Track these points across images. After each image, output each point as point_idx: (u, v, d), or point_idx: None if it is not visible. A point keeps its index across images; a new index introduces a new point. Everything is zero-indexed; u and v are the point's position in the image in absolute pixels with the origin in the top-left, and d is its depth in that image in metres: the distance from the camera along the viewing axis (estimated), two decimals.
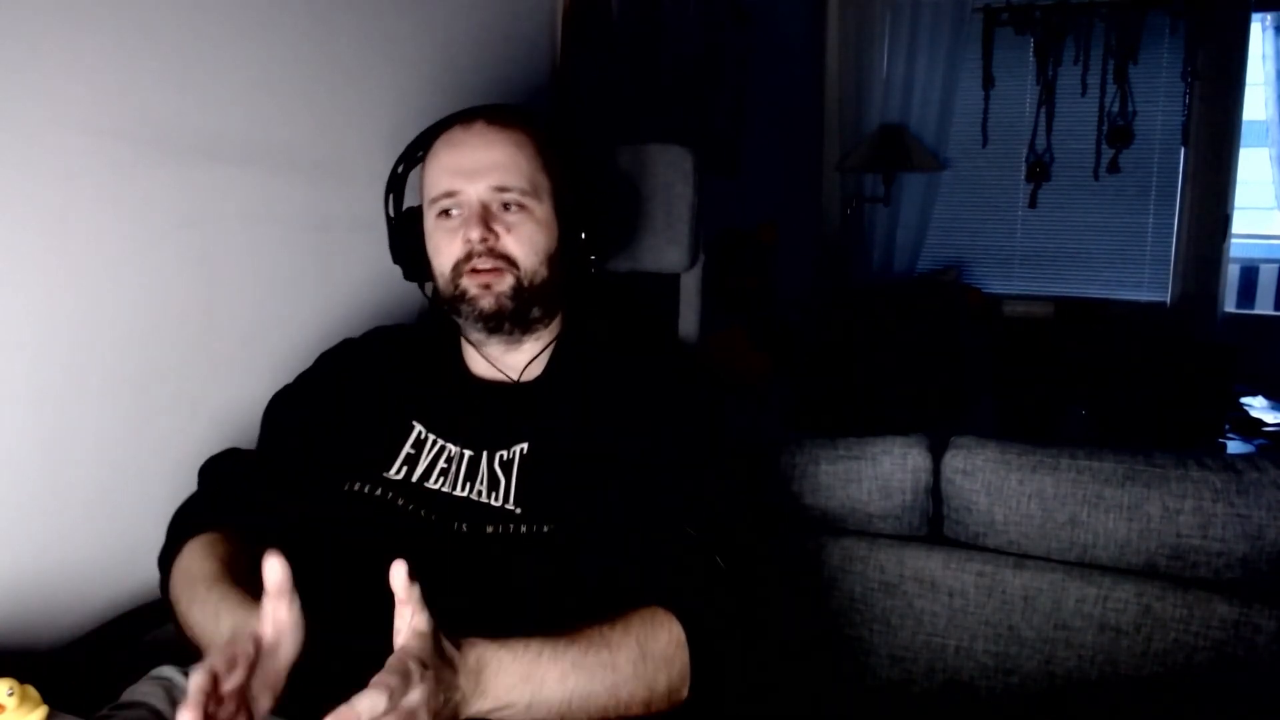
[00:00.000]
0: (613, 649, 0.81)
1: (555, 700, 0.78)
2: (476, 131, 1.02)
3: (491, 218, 1.00)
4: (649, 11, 2.33)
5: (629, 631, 0.83)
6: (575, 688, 0.78)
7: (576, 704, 0.79)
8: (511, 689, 0.76)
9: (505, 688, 0.75)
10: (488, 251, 1.00)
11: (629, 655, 0.81)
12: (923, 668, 1.27)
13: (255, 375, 1.21)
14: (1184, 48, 3.60)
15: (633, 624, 0.84)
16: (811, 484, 1.32)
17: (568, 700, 0.78)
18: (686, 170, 1.34)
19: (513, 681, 0.76)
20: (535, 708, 0.77)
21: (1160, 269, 3.79)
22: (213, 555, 0.93)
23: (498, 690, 0.75)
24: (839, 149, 4.03)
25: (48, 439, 1.00)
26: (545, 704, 0.77)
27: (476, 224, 0.99)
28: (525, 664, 0.77)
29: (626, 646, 0.82)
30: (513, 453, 1.00)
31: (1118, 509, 1.18)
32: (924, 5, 3.80)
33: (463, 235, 1.00)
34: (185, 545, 0.96)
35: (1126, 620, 1.18)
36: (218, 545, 0.95)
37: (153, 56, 1.06)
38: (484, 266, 1.00)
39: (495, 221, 1.00)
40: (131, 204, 1.06)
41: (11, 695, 0.72)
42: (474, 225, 0.99)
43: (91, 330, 1.03)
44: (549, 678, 0.77)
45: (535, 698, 0.77)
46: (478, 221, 0.99)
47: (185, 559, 0.94)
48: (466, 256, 1.00)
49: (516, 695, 0.76)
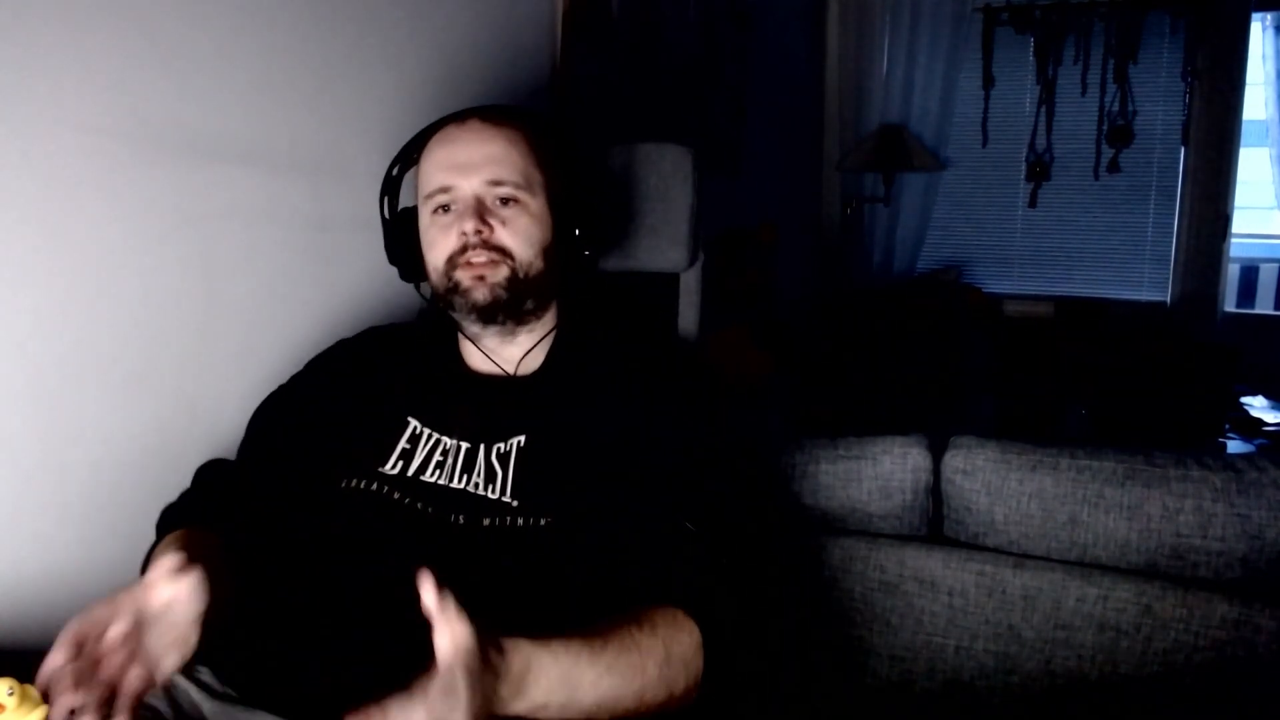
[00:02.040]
0: (643, 653, 0.81)
1: (588, 702, 0.78)
2: (470, 128, 1.04)
3: (486, 211, 1.01)
4: (649, 11, 2.33)
5: (655, 635, 0.83)
6: (608, 690, 0.79)
7: (606, 705, 0.79)
8: (550, 691, 0.75)
9: (544, 690, 0.75)
10: (482, 244, 1.01)
11: (656, 659, 0.82)
12: (923, 668, 1.27)
13: (254, 375, 1.21)
14: (1184, 47, 3.60)
15: (658, 627, 0.84)
16: (811, 484, 1.32)
17: (599, 702, 0.78)
18: (686, 170, 1.34)
19: (552, 685, 0.75)
20: (569, 709, 0.77)
21: (1160, 269, 3.79)
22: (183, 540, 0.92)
23: (536, 693, 0.75)
24: (839, 149, 4.03)
25: (47, 439, 1.00)
26: (578, 705, 0.77)
27: (471, 217, 1.00)
28: (565, 666, 0.76)
29: (655, 650, 0.82)
30: (510, 445, 1.00)
31: (1118, 509, 1.18)
32: (924, 5, 3.80)
33: (457, 229, 1.01)
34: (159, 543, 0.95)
35: (1126, 620, 1.18)
36: (192, 535, 0.94)
37: (153, 56, 1.06)
38: (478, 259, 1.01)
39: (490, 215, 1.01)
40: (131, 204, 1.06)
41: (11, 695, 0.72)
42: (469, 218, 1.00)
43: (91, 330, 1.03)
44: (585, 680, 0.77)
45: (570, 699, 0.77)
46: (472, 214, 1.00)
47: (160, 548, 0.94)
48: (461, 249, 1.01)
49: (553, 697, 0.76)
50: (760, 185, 3.27)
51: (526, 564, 0.94)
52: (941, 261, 4.06)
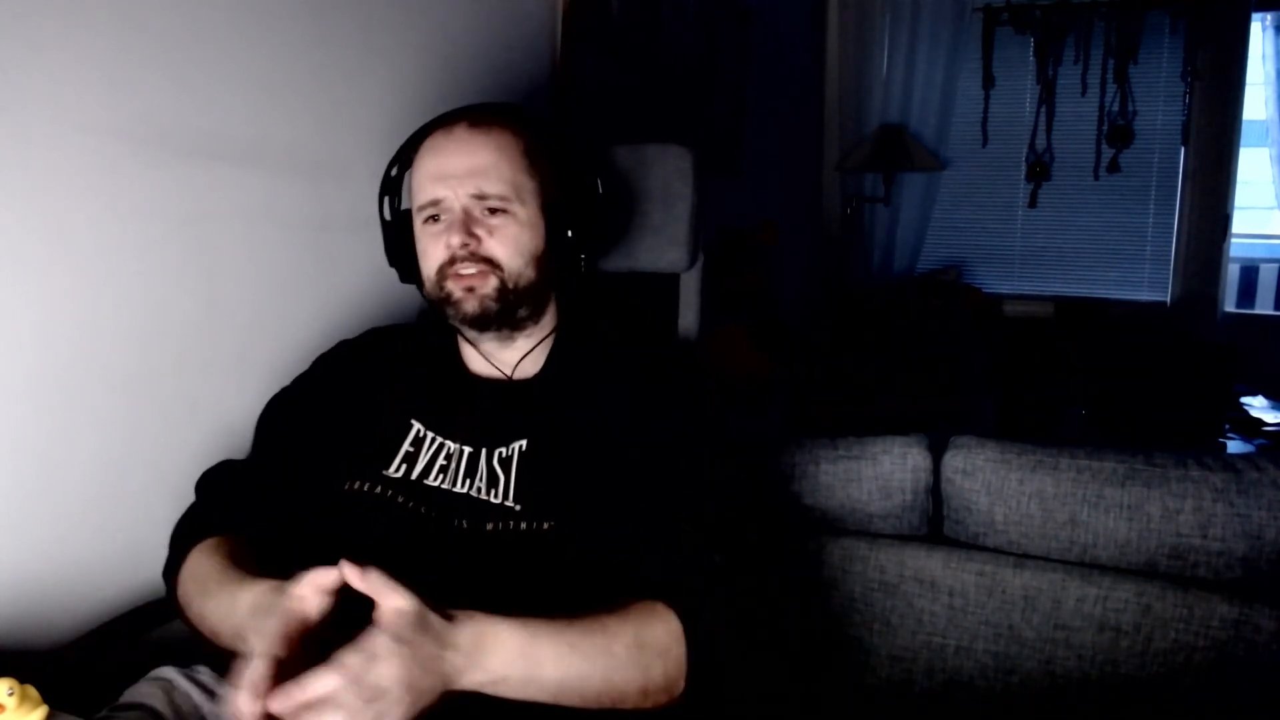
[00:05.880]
0: (609, 635, 0.82)
1: (551, 679, 0.78)
2: (457, 137, 1.03)
3: (474, 222, 1.01)
4: (649, 11, 2.33)
5: (626, 620, 0.83)
6: (571, 668, 0.79)
7: (572, 684, 0.79)
8: (508, 664, 0.76)
9: (502, 662, 0.76)
10: (470, 256, 1.01)
11: (625, 642, 0.82)
12: (923, 668, 1.27)
13: (255, 375, 1.21)
14: (1184, 47, 3.60)
15: (630, 613, 0.84)
16: (811, 484, 1.32)
17: (563, 680, 0.79)
18: (686, 170, 1.34)
19: (510, 656, 0.76)
20: (531, 685, 0.77)
21: (1160, 269, 3.79)
22: (218, 554, 0.94)
23: (493, 664, 0.75)
24: (839, 149, 4.03)
25: (48, 439, 1.00)
26: (540, 682, 0.78)
27: (458, 230, 1.00)
28: (522, 640, 0.77)
29: (623, 634, 0.82)
30: (512, 449, 1.01)
31: (1118, 509, 1.18)
32: (924, 5, 3.80)
33: (445, 241, 1.01)
34: (189, 553, 0.96)
35: (1126, 620, 1.18)
36: (221, 546, 0.95)
37: (153, 56, 1.06)
38: (466, 271, 1.01)
39: (477, 226, 1.01)
40: (131, 204, 1.06)
41: (11, 695, 0.72)
42: (456, 231, 1.00)
43: (91, 330, 1.03)
44: (545, 656, 0.78)
45: (531, 674, 0.77)
46: (459, 228, 1.00)
47: (190, 564, 0.95)
48: (450, 261, 1.01)
49: (512, 670, 0.76)
50: (760, 185, 3.27)
51: (529, 568, 0.94)
52: (941, 261, 4.06)
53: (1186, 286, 3.72)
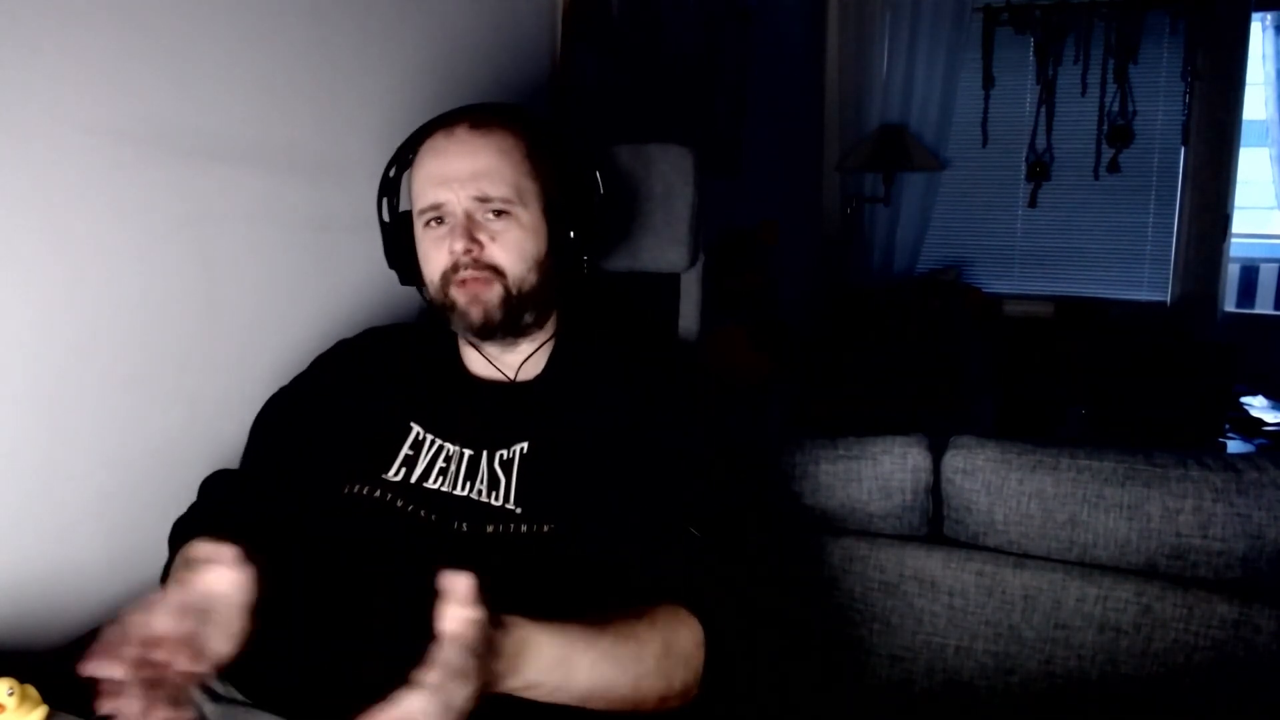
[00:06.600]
0: (641, 643, 0.82)
1: (581, 686, 0.78)
2: (458, 139, 1.02)
3: (476, 227, 1.00)
4: (649, 11, 2.33)
5: (655, 627, 0.84)
6: (602, 676, 0.79)
7: (599, 691, 0.79)
8: (544, 671, 0.76)
9: (538, 670, 0.75)
10: (473, 262, 1.00)
11: (654, 651, 0.82)
12: (923, 668, 1.27)
13: (255, 375, 1.21)
14: (1184, 47, 3.61)
15: (659, 621, 0.84)
16: (811, 484, 1.32)
17: (592, 687, 0.79)
18: (686, 170, 1.34)
19: (547, 664, 0.76)
20: (560, 691, 0.77)
21: (1160, 269, 3.79)
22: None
23: (530, 672, 0.75)
24: (839, 149, 4.03)
25: (47, 438, 1.00)
26: (570, 689, 0.78)
27: (461, 236, 0.99)
28: (560, 648, 0.77)
29: (653, 642, 0.83)
30: (513, 452, 1.00)
31: (1118, 509, 1.18)
32: (924, 5, 3.80)
33: (448, 246, 1.00)
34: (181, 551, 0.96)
35: (1126, 620, 1.18)
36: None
37: (153, 56, 1.06)
38: (470, 277, 1.00)
39: (480, 231, 1.00)
40: (131, 204, 1.05)
41: (11, 695, 0.72)
42: (458, 237, 0.99)
43: (91, 330, 1.03)
44: (580, 664, 0.78)
45: (564, 682, 0.77)
46: (462, 233, 0.99)
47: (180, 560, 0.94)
48: (453, 267, 1.01)
49: (548, 677, 0.76)
50: (760, 185, 3.27)
51: (530, 571, 0.93)
52: (941, 261, 4.06)
53: (1186, 286, 3.73)
